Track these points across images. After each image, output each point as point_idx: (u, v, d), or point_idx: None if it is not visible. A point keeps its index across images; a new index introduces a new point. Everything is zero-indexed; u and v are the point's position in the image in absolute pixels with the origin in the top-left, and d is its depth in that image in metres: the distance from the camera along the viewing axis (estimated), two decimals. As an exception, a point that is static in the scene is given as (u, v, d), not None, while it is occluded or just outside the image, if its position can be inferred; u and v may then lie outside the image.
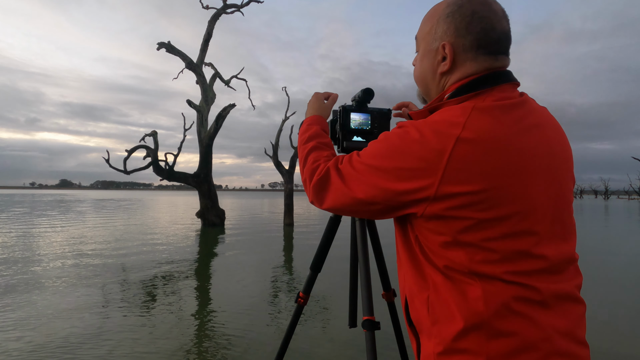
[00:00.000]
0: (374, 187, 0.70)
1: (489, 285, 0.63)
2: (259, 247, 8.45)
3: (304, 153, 0.91)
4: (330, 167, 0.80)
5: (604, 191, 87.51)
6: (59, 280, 5.04)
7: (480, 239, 0.64)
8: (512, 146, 0.64)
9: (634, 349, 3.06)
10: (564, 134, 0.75)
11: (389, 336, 2.81)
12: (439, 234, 0.67)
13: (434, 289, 0.69)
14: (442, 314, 0.67)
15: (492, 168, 0.62)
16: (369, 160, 0.72)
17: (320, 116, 1.06)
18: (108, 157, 11.79)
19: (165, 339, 3.13)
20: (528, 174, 0.64)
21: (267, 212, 22.36)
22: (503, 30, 0.72)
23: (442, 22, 0.74)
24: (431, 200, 0.64)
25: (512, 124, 0.65)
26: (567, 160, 0.72)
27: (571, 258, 0.70)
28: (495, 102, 0.67)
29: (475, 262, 0.64)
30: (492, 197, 0.62)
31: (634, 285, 5.22)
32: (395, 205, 0.69)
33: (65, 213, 18.85)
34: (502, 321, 0.62)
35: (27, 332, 3.23)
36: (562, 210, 0.69)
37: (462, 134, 0.63)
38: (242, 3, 13.47)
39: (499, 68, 0.73)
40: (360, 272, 1.21)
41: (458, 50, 0.73)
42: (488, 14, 0.71)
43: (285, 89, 14.64)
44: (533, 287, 0.63)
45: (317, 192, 0.81)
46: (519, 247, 0.64)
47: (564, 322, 0.65)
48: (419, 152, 0.65)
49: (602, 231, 12.71)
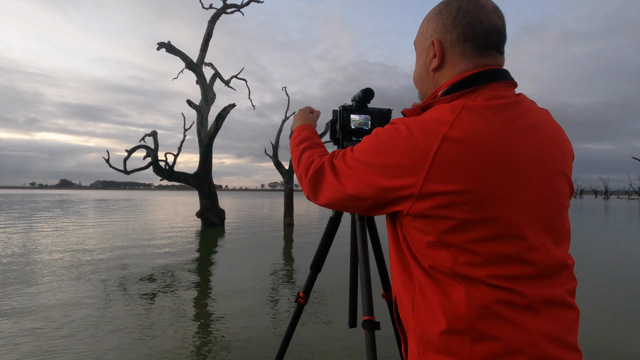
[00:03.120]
0: (363, 183, 0.70)
1: (472, 288, 0.63)
2: (259, 247, 8.45)
3: (298, 152, 0.93)
4: (325, 161, 0.80)
5: (603, 191, 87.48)
6: (59, 278, 5.04)
7: (465, 240, 0.63)
8: (500, 147, 0.62)
9: (633, 347, 3.06)
10: (564, 138, 0.74)
11: (389, 336, 2.81)
12: (425, 234, 0.67)
13: (420, 289, 0.69)
14: (426, 314, 0.67)
15: (478, 169, 0.61)
16: (360, 156, 0.72)
17: (308, 124, 1.08)
18: (108, 157, 11.79)
19: (163, 338, 3.13)
20: (516, 177, 0.63)
21: (267, 212, 22.36)
22: (492, 24, 0.71)
23: (432, 21, 0.76)
24: (416, 198, 0.64)
25: (502, 125, 0.64)
26: (562, 164, 0.70)
27: (563, 263, 0.68)
28: (486, 102, 0.66)
29: (459, 264, 0.63)
30: (476, 198, 0.61)
31: (634, 286, 5.22)
32: (383, 202, 0.70)
33: (65, 213, 18.84)
34: (486, 325, 0.62)
35: (26, 324, 3.24)
36: (553, 215, 0.67)
37: (449, 133, 0.62)
38: (242, 3, 13.47)
39: (491, 65, 0.72)
40: (360, 272, 1.21)
41: (446, 46, 0.73)
42: (474, 8, 0.71)
43: (285, 89, 14.66)
44: (518, 292, 0.62)
45: (313, 187, 0.81)
46: (504, 251, 0.63)
47: (553, 327, 0.64)
48: (406, 150, 0.65)
49: (612, 234, 12.70)
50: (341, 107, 1.18)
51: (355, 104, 1.19)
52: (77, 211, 20.60)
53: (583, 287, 5.06)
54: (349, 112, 1.17)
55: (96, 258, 6.70)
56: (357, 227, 1.25)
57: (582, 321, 0.73)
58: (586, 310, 3.94)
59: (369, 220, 1.34)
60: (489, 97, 0.67)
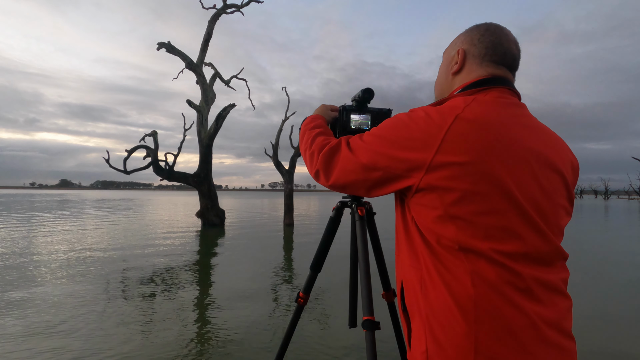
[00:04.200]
0: (378, 154, 0.77)
1: (475, 266, 0.67)
2: (259, 247, 8.45)
3: (312, 135, 0.98)
4: (342, 140, 0.88)
5: (604, 191, 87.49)
6: (58, 277, 5.04)
7: (468, 212, 0.68)
8: (504, 132, 0.70)
9: (632, 347, 3.06)
10: (565, 148, 0.80)
11: (389, 336, 2.81)
12: (433, 208, 0.72)
13: (427, 269, 0.73)
14: (434, 293, 0.71)
15: (482, 143, 0.68)
16: (377, 131, 0.80)
17: (323, 116, 1.14)
18: (108, 157, 11.80)
19: (162, 338, 3.13)
20: (516, 159, 0.69)
21: (267, 212, 22.35)
22: (509, 50, 0.83)
23: (462, 35, 0.89)
24: (426, 169, 0.70)
25: (508, 117, 0.73)
26: (560, 165, 0.75)
27: (555, 251, 0.72)
28: (494, 99, 0.77)
29: (464, 236, 0.69)
30: (478, 171, 0.67)
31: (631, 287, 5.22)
32: (394, 174, 0.75)
33: (65, 213, 18.85)
34: (489, 304, 0.66)
35: (27, 321, 3.23)
36: (546, 204, 0.72)
37: (462, 114, 0.71)
38: (242, 3, 13.47)
39: (501, 75, 0.82)
40: (360, 272, 1.21)
41: (468, 55, 0.85)
42: (500, 34, 0.84)
43: (285, 89, 14.66)
44: (516, 272, 0.67)
45: (326, 162, 0.86)
46: (501, 223, 0.68)
47: (550, 312, 0.68)
48: (423, 126, 0.72)
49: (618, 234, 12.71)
50: (341, 107, 1.18)
51: (355, 104, 1.19)
52: (77, 211, 20.60)
53: (583, 287, 5.06)
54: (349, 112, 1.17)
55: (95, 258, 6.70)
56: (357, 227, 1.25)
57: (582, 321, 0.74)
58: (586, 311, 3.94)
59: (369, 220, 1.34)
60: (497, 96, 0.78)
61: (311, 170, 0.91)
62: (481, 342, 0.65)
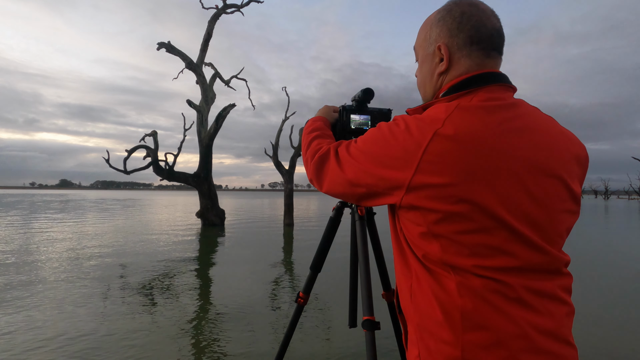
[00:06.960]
0: (362, 171, 0.75)
1: (462, 277, 0.66)
2: (259, 247, 8.45)
3: (309, 139, 0.99)
4: (331, 148, 0.86)
5: (604, 191, 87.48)
6: (58, 276, 5.04)
7: (451, 231, 0.66)
8: (489, 146, 0.65)
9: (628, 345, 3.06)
10: (568, 143, 0.73)
11: (389, 336, 2.81)
12: (417, 225, 0.70)
13: (416, 278, 0.72)
14: (423, 303, 0.70)
15: (463, 164, 0.64)
16: (362, 145, 0.78)
17: (324, 117, 1.14)
18: (108, 157, 11.80)
19: (162, 338, 3.13)
20: (502, 174, 0.65)
21: (267, 212, 22.35)
22: (494, 27, 0.75)
23: (435, 27, 0.79)
24: (406, 189, 0.68)
25: (494, 125, 0.67)
26: (559, 167, 0.70)
27: (553, 260, 0.68)
28: (481, 102, 0.69)
29: (447, 254, 0.67)
30: (459, 192, 0.64)
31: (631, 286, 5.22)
32: (377, 191, 0.74)
33: (65, 213, 18.84)
34: (477, 314, 0.64)
35: (30, 323, 3.23)
36: (539, 215, 0.67)
37: (441, 129, 0.66)
38: (242, 3, 13.47)
39: (491, 68, 0.76)
40: (360, 272, 1.21)
41: (453, 49, 0.77)
42: (477, 13, 0.75)
43: (285, 89, 14.66)
44: (505, 283, 0.65)
45: (317, 170, 0.87)
46: (488, 243, 0.65)
47: (545, 320, 0.65)
48: (402, 143, 0.69)
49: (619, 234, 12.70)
50: (341, 107, 1.18)
51: (355, 104, 1.19)
52: (77, 211, 20.59)
53: (583, 287, 5.06)
54: (349, 112, 1.17)
55: (95, 258, 6.70)
56: (357, 227, 1.25)
57: (582, 321, 0.73)
58: (586, 311, 3.94)
59: (369, 220, 1.34)
60: (484, 99, 0.70)
61: (307, 175, 0.93)
62: (468, 352, 0.64)
